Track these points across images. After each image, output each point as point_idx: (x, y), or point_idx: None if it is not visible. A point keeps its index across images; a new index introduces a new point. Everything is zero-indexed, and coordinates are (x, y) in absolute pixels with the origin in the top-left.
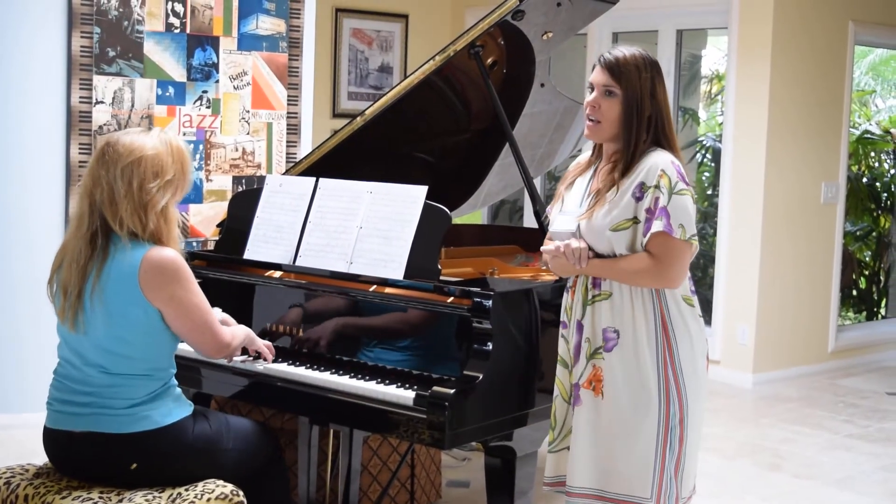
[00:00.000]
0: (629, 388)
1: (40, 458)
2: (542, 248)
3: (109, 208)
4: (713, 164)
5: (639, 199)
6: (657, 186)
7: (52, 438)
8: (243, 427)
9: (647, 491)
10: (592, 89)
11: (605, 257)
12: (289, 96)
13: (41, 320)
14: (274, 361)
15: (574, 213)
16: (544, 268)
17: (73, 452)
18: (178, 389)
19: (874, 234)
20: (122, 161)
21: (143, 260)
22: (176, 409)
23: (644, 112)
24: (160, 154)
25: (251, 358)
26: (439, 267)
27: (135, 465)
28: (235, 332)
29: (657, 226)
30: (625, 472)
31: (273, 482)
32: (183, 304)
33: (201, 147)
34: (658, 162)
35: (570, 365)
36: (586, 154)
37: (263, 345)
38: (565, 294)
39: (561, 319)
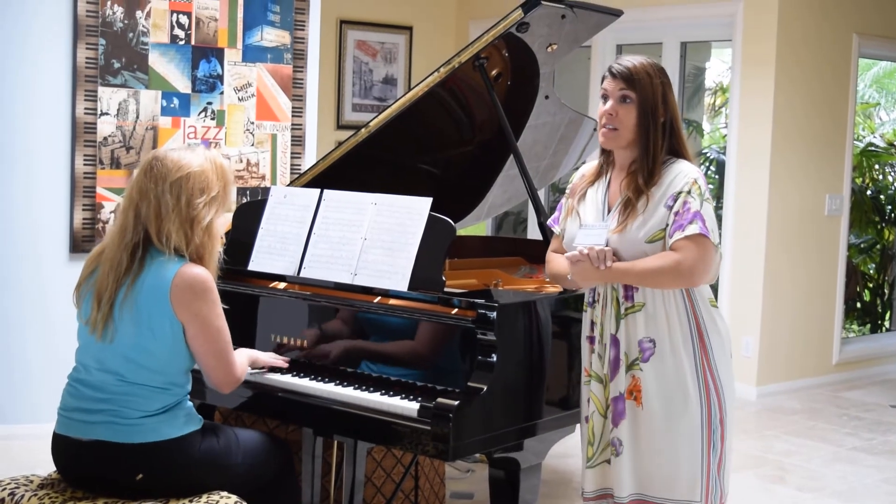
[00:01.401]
0: (669, 395)
1: (45, 469)
2: (566, 255)
3: (155, 222)
4: (717, 177)
5: (670, 207)
6: (689, 192)
7: (61, 445)
8: (253, 440)
9: (697, 493)
10: (606, 100)
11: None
12: (293, 108)
13: (47, 330)
14: (278, 373)
15: (598, 227)
16: (548, 279)
17: (81, 460)
18: (191, 405)
19: (878, 246)
20: (171, 176)
21: (176, 274)
22: (186, 423)
23: (658, 117)
24: (206, 171)
25: (261, 370)
26: (443, 278)
27: (140, 476)
28: (245, 367)
29: (693, 228)
30: (670, 477)
31: (284, 494)
32: (205, 324)
33: None
34: (686, 170)
35: (604, 380)
36: (590, 165)
37: (270, 358)
38: (588, 308)
39: (589, 335)
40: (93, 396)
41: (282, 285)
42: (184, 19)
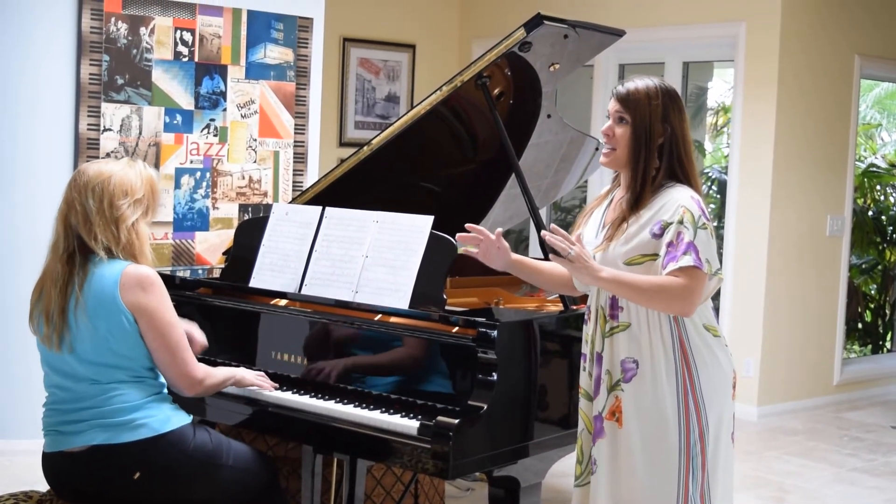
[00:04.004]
0: (648, 418)
1: (44, 485)
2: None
3: (84, 227)
4: (718, 196)
5: (658, 236)
6: (680, 222)
7: (53, 463)
8: (243, 449)
9: None
10: (609, 119)
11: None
12: (296, 125)
13: None
14: (278, 390)
15: (592, 245)
16: (550, 298)
17: (76, 474)
18: (175, 404)
19: (880, 267)
20: (92, 182)
21: (123, 272)
22: (174, 416)
23: (654, 138)
24: (128, 175)
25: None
26: (445, 296)
27: (138, 475)
28: (213, 372)
29: (686, 260)
30: (644, 501)
31: None
32: (155, 317)
33: (208, 175)
34: (677, 198)
35: (591, 397)
36: (608, 187)
37: (256, 378)
38: (585, 325)
39: (582, 351)
40: (73, 408)
41: (283, 302)
42: (187, 36)
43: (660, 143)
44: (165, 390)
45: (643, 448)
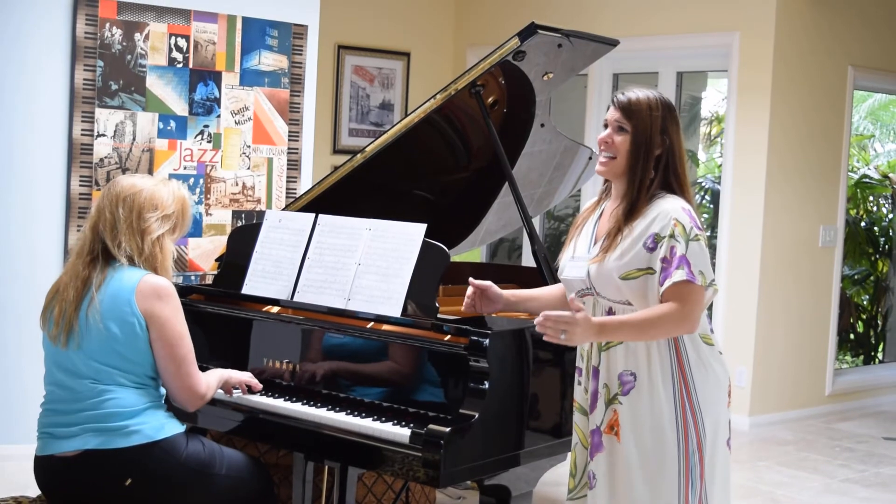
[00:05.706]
0: (646, 430)
1: (36, 489)
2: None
3: (110, 233)
4: (712, 206)
5: (652, 249)
6: (672, 236)
7: (44, 467)
8: (236, 457)
9: None
10: (606, 127)
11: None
12: (290, 132)
13: (42, 351)
14: (270, 397)
15: (583, 259)
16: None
17: (67, 478)
18: (170, 412)
19: (872, 278)
20: (125, 192)
21: (142, 279)
22: (168, 424)
23: (653, 149)
24: (160, 191)
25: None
26: (437, 305)
27: (129, 481)
28: (213, 384)
29: (679, 275)
30: None
31: None
32: (166, 327)
33: (201, 181)
34: (668, 209)
35: (587, 412)
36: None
37: (243, 378)
38: None
39: (577, 366)
40: (69, 409)
41: (275, 309)
42: (182, 42)
43: (657, 155)
44: (163, 400)
45: (642, 461)
